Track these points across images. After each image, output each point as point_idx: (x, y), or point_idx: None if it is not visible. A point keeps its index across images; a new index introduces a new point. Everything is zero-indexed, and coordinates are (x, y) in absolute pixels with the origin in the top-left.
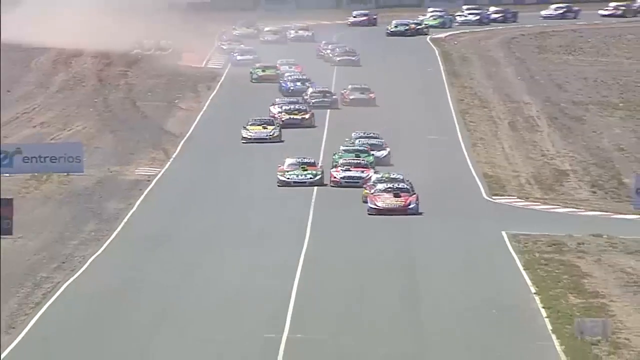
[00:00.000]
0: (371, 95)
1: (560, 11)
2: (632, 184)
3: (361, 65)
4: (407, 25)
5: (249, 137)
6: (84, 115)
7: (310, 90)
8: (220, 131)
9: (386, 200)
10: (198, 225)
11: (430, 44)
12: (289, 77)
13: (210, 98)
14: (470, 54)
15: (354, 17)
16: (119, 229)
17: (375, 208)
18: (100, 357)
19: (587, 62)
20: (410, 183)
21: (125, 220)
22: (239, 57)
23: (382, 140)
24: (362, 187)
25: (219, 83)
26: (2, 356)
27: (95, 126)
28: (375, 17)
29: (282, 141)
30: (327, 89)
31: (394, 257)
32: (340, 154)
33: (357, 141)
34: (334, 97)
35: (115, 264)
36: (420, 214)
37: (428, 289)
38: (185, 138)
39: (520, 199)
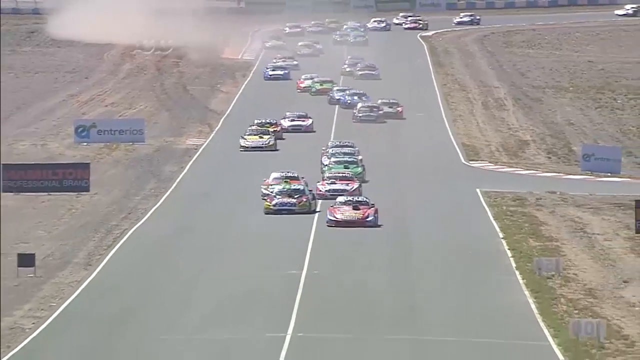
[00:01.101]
0: (399, 109)
1: (467, 19)
2: (579, 151)
3: (381, 79)
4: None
5: (247, 145)
6: (145, 97)
7: (359, 104)
8: (252, 109)
9: (345, 213)
10: (235, 184)
11: (420, 40)
12: (347, 92)
13: (245, 83)
14: (451, 48)
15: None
16: (172, 187)
17: (334, 220)
18: (160, 285)
19: (544, 55)
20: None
21: (178, 180)
22: (270, 73)
23: (356, 149)
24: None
25: (252, 72)
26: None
27: (154, 106)
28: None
29: (277, 150)
30: (374, 104)
31: (389, 208)
32: (330, 165)
33: (330, 150)
34: (380, 112)
35: (170, 215)
36: (379, 225)
37: (418, 234)
38: (225, 115)
39: (491, 163)
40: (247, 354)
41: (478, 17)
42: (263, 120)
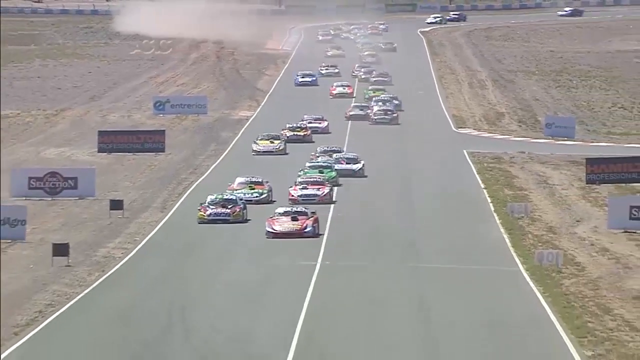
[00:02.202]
0: (394, 115)
1: (443, 18)
2: (543, 121)
3: (393, 85)
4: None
5: (259, 150)
6: (207, 79)
7: (375, 107)
8: (290, 88)
9: (284, 224)
10: None
11: (419, 34)
12: (381, 97)
13: (284, 69)
14: (444, 41)
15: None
16: (228, 149)
17: (272, 232)
18: (218, 225)
19: (516, 46)
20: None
21: (233, 143)
22: (300, 79)
23: (342, 154)
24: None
25: (290, 59)
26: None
27: (214, 86)
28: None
29: (287, 154)
30: (389, 107)
31: (394, 167)
32: (305, 170)
33: (319, 158)
34: (394, 115)
35: (227, 170)
36: (318, 235)
37: (418, 185)
38: (269, 93)
39: (474, 130)
40: (287, 276)
41: (464, 15)
42: (294, 125)
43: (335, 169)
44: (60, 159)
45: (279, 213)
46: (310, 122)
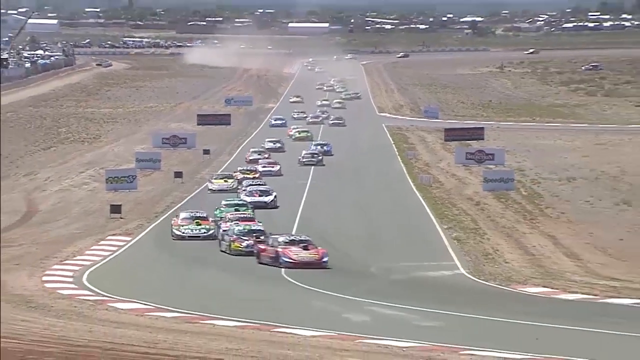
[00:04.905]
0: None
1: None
2: (423, 109)
3: (346, 126)
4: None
5: (214, 188)
6: (252, 88)
7: (304, 152)
8: (297, 91)
9: (300, 254)
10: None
11: (361, 65)
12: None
13: (291, 83)
14: (374, 68)
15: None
16: (263, 123)
17: (291, 262)
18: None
19: (411, 71)
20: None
21: (265, 120)
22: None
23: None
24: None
25: (295, 78)
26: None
27: (255, 91)
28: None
29: (238, 190)
30: (316, 152)
31: (343, 134)
32: (222, 208)
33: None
34: (319, 157)
35: (262, 134)
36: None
37: (354, 140)
38: (284, 95)
39: (389, 114)
40: (288, 191)
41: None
42: (245, 168)
43: (248, 202)
44: (178, 128)
45: (284, 242)
46: (265, 167)
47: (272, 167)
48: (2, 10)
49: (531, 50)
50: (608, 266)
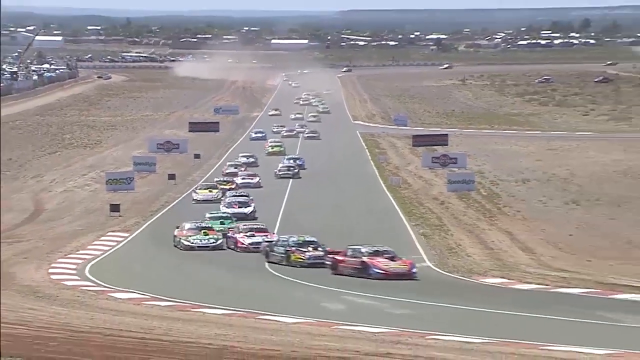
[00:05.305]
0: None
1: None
2: (393, 118)
3: (321, 139)
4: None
5: (198, 199)
6: (239, 98)
7: (280, 165)
8: (277, 104)
9: (388, 265)
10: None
11: (337, 77)
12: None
13: (274, 94)
14: (349, 81)
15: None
16: (248, 131)
17: (382, 273)
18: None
19: (385, 83)
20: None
21: (250, 127)
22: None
23: (250, 198)
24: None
25: (277, 89)
26: None
27: (242, 101)
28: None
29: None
30: (292, 164)
31: (322, 142)
32: (206, 221)
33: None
34: (295, 170)
35: (246, 140)
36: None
37: (331, 145)
38: (267, 105)
39: (362, 122)
40: (269, 197)
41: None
42: (222, 179)
43: (229, 213)
44: (171, 135)
45: (368, 252)
46: (244, 179)
47: (252, 179)
48: (11, 29)
49: (446, 66)
50: (559, 259)
